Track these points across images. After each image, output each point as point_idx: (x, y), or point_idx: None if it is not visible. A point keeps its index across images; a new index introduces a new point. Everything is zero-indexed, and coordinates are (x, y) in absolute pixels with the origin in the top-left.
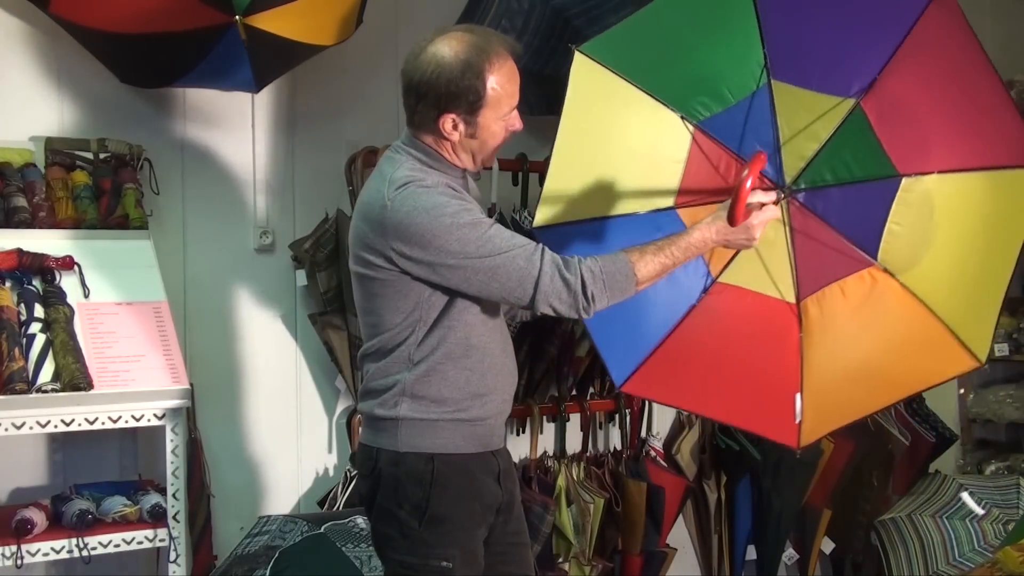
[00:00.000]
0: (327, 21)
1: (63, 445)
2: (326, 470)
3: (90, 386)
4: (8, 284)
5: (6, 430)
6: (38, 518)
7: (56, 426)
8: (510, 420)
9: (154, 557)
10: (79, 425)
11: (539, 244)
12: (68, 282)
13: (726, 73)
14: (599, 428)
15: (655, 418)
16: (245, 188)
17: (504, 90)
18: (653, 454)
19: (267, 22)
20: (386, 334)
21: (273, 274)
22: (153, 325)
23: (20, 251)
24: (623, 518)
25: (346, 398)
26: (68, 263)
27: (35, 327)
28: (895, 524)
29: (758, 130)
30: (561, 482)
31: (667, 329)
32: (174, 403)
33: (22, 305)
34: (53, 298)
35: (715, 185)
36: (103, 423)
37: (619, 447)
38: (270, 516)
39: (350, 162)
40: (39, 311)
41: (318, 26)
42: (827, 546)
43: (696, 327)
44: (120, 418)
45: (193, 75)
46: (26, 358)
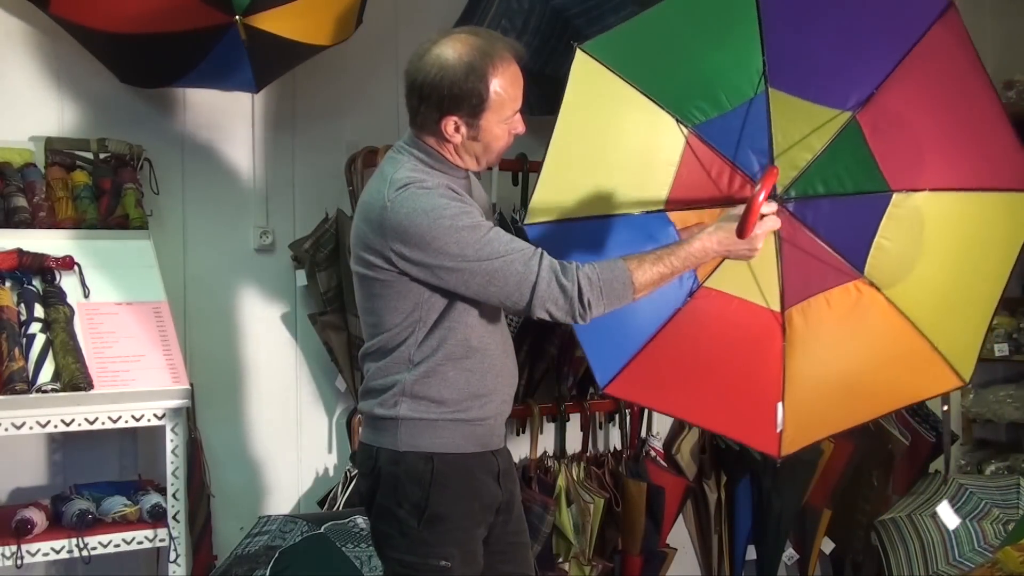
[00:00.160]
0: (327, 21)
1: (63, 445)
2: (326, 470)
3: (90, 386)
4: (8, 284)
5: (6, 430)
6: (38, 518)
7: (56, 426)
8: (510, 420)
9: (154, 557)
10: (79, 425)
11: (538, 249)
12: (68, 282)
13: (724, 79)
14: (599, 428)
15: (655, 418)
16: (245, 188)
17: (507, 94)
18: (653, 454)
19: (267, 22)
20: (386, 334)
21: (273, 274)
22: (153, 325)
23: (20, 251)
24: (623, 518)
25: (346, 398)
26: (68, 263)
27: (35, 327)
28: (895, 524)
29: (753, 137)
30: (561, 482)
31: (652, 331)
32: (174, 403)
33: (22, 305)
34: (53, 298)
35: (706, 189)
36: (103, 423)
37: (619, 447)
38: (270, 516)
39: (350, 162)
40: (39, 311)
41: (318, 26)
42: (827, 546)
43: (680, 331)
44: (120, 418)
45: (193, 75)
46: (26, 358)
